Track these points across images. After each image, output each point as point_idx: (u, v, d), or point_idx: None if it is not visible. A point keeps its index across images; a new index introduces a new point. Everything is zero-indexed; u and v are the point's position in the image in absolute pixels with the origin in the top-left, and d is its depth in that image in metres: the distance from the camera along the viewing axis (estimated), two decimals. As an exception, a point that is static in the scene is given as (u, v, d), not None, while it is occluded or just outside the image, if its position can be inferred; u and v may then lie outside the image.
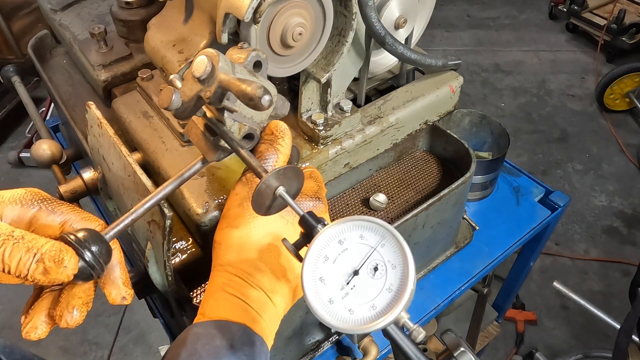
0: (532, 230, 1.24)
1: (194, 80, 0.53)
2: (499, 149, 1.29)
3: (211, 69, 0.51)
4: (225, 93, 0.53)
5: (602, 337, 2.25)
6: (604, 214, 2.86)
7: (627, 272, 2.56)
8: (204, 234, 0.75)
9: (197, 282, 0.84)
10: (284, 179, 0.53)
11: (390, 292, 0.48)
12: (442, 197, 0.90)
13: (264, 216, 0.56)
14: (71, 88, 1.08)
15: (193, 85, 0.53)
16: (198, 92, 0.52)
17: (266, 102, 0.47)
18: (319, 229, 0.52)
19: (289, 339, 0.89)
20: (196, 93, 0.52)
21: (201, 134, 0.58)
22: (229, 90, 0.51)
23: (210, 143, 0.57)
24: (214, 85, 0.52)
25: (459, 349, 1.12)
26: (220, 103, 0.53)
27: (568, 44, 4.17)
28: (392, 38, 0.82)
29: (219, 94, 0.52)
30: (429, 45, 4.12)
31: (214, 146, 0.57)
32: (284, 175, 0.53)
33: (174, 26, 0.79)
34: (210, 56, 0.52)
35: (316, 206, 0.64)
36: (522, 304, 2.38)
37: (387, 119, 0.91)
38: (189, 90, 0.53)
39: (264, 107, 0.48)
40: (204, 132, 0.58)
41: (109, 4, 1.10)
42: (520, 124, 3.43)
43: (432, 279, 1.14)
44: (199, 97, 0.53)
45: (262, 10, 0.63)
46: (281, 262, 0.60)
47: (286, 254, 0.58)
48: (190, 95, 0.53)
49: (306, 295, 0.49)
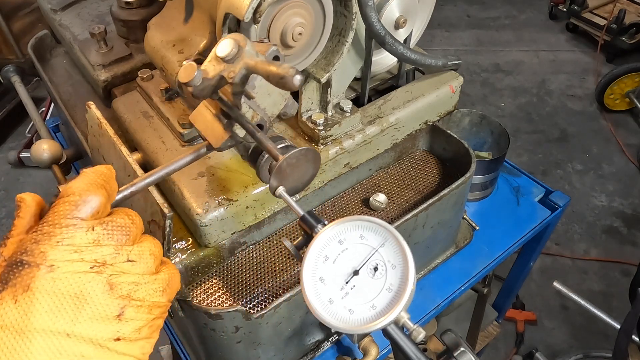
0: (532, 230, 1.24)
1: (218, 61, 0.53)
2: (499, 149, 1.29)
3: (237, 51, 0.52)
4: (248, 76, 0.53)
5: (602, 337, 2.25)
6: (604, 214, 2.86)
7: (627, 272, 2.56)
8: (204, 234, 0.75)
9: (197, 282, 0.84)
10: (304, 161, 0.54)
11: (390, 292, 0.48)
12: (442, 197, 0.90)
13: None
14: (71, 88, 1.08)
15: (216, 65, 0.53)
16: (221, 71, 0.53)
17: (298, 81, 0.48)
18: (319, 229, 0.52)
19: (289, 339, 0.89)
20: (219, 72, 0.53)
21: (213, 118, 0.58)
22: (255, 72, 0.51)
23: (224, 126, 0.57)
24: (239, 66, 0.52)
25: (459, 349, 1.12)
26: (242, 86, 0.53)
27: (568, 44, 4.16)
28: (392, 38, 0.82)
29: (242, 75, 0.52)
30: (429, 45, 4.12)
31: (227, 129, 0.57)
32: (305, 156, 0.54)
33: (174, 26, 0.79)
34: (237, 39, 0.52)
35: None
36: (522, 304, 2.37)
37: (387, 119, 0.91)
38: (212, 70, 0.53)
39: (295, 86, 0.48)
40: (217, 115, 0.57)
41: (109, 4, 1.10)
42: (520, 124, 3.43)
43: (432, 279, 1.14)
44: (222, 77, 0.53)
45: (262, 10, 0.63)
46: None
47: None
48: (213, 74, 0.53)
49: (306, 295, 0.49)
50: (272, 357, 0.89)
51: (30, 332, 0.37)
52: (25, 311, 0.37)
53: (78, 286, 0.39)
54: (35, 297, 0.37)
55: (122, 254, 0.41)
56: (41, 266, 0.38)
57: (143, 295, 0.42)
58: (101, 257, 0.40)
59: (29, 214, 0.43)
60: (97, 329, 0.39)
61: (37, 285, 0.38)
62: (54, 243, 0.39)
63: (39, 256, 0.39)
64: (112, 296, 0.40)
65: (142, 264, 0.43)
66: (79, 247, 0.40)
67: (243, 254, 0.88)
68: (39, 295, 0.37)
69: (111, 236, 0.42)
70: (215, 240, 0.78)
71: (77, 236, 0.40)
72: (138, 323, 0.41)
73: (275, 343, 0.86)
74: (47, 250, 0.39)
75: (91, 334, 0.38)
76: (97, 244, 0.41)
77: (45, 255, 0.39)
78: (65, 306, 0.38)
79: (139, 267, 0.42)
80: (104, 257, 0.40)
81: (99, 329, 0.39)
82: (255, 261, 0.87)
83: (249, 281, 0.85)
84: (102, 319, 0.39)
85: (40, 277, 0.38)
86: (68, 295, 0.38)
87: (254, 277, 0.86)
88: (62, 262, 0.39)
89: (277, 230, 0.91)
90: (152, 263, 0.44)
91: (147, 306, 0.42)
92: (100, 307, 0.39)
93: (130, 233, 0.43)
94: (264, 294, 0.84)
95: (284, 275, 0.87)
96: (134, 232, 0.44)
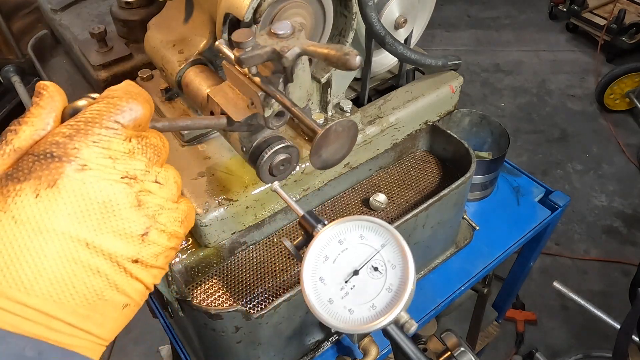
0: (532, 230, 1.24)
1: (273, 36, 0.54)
2: (499, 149, 1.29)
3: (293, 31, 0.53)
4: (299, 57, 0.54)
5: (602, 337, 2.25)
6: (604, 214, 2.86)
7: (627, 272, 2.56)
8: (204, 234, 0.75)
9: (197, 282, 0.84)
10: (346, 134, 0.55)
11: (390, 292, 0.48)
12: (442, 197, 0.90)
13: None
14: (71, 88, 1.08)
15: (270, 39, 0.54)
16: (275, 44, 0.53)
17: (358, 61, 0.48)
18: (319, 229, 0.52)
19: (289, 339, 0.89)
20: (272, 45, 0.53)
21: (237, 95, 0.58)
22: (309, 54, 0.52)
23: (262, 101, 0.57)
24: (294, 45, 0.53)
25: (459, 349, 1.12)
26: (293, 63, 0.54)
27: (568, 44, 4.17)
28: (392, 38, 0.82)
29: (296, 53, 0.53)
30: (429, 45, 4.12)
31: (265, 103, 0.57)
32: (349, 130, 0.55)
33: (174, 26, 0.79)
34: (294, 24, 0.54)
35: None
36: (522, 304, 2.37)
37: (387, 119, 0.91)
38: (264, 42, 0.54)
39: (355, 64, 0.49)
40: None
41: (109, 4, 1.10)
42: (520, 124, 3.43)
43: (432, 279, 1.14)
44: (274, 49, 0.53)
45: (262, 10, 0.63)
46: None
47: None
48: (265, 45, 0.53)
49: (306, 295, 0.49)
50: (272, 357, 0.89)
51: (48, 233, 0.33)
52: (46, 208, 0.33)
53: (107, 194, 0.35)
54: (60, 195, 0.33)
55: (151, 173, 0.38)
56: (73, 163, 0.34)
57: (165, 220, 0.39)
58: (133, 170, 0.37)
59: (49, 105, 0.38)
60: (118, 245, 0.36)
61: (64, 183, 0.34)
62: (90, 142, 0.35)
63: (72, 152, 0.34)
64: (139, 214, 0.37)
65: (167, 189, 0.40)
66: (114, 153, 0.36)
67: (243, 254, 0.88)
68: (65, 195, 0.34)
69: (145, 152, 0.38)
70: (215, 240, 0.78)
71: (114, 142, 0.36)
72: (158, 248, 0.38)
73: (275, 343, 0.86)
74: (82, 148, 0.35)
75: (112, 249, 0.35)
76: (132, 156, 0.37)
77: (79, 152, 0.35)
78: (90, 213, 0.34)
79: (164, 192, 0.39)
80: (135, 171, 0.37)
81: (120, 245, 0.36)
82: (255, 261, 0.87)
83: (249, 281, 0.85)
84: (126, 235, 0.36)
85: (69, 174, 0.34)
86: (96, 201, 0.35)
87: (254, 277, 0.86)
88: (95, 164, 0.35)
89: (277, 230, 0.91)
90: (176, 191, 0.41)
91: (168, 233, 0.39)
92: (126, 222, 0.36)
93: (161, 155, 0.40)
94: (264, 294, 0.84)
95: (284, 275, 0.87)
96: (164, 156, 0.41)
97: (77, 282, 0.34)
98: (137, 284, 0.38)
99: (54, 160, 0.34)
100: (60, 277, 0.33)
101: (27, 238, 0.33)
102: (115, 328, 0.38)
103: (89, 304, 0.35)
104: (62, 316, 0.34)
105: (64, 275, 0.34)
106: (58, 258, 0.33)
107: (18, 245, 0.32)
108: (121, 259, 0.36)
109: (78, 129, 0.35)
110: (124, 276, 0.36)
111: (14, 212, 0.33)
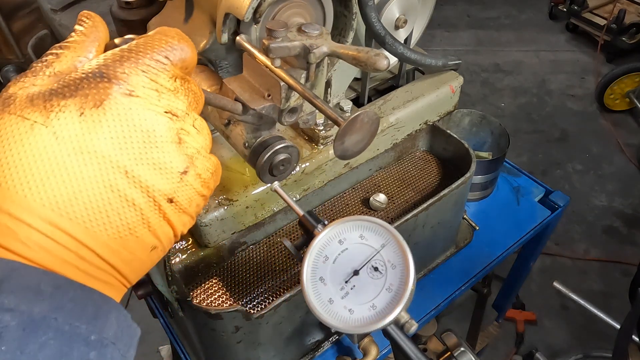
0: (532, 230, 1.24)
1: (301, 32, 0.54)
2: (499, 149, 1.29)
3: (322, 32, 0.54)
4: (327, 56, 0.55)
5: (602, 337, 2.25)
6: (604, 214, 2.86)
7: (627, 272, 2.56)
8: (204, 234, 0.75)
9: (197, 282, 0.84)
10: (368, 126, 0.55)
11: (390, 292, 0.48)
12: (442, 197, 0.90)
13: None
14: (71, 88, 1.08)
15: (299, 35, 0.55)
16: (304, 40, 0.54)
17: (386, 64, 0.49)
18: (319, 229, 0.52)
19: (289, 339, 0.89)
20: (301, 41, 0.54)
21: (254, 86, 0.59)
22: (337, 55, 0.53)
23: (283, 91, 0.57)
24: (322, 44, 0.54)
25: (459, 349, 1.11)
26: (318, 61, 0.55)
27: (568, 44, 4.17)
28: (392, 38, 0.82)
29: (323, 52, 0.54)
30: (429, 45, 4.12)
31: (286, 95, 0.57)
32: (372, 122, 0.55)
33: (174, 26, 0.79)
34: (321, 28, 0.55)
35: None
36: (522, 304, 2.37)
37: (387, 119, 0.91)
38: (293, 37, 0.54)
39: (384, 65, 0.50)
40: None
41: (108, 4, 1.10)
42: (520, 124, 3.43)
43: (432, 279, 1.14)
44: (304, 45, 0.54)
45: (262, 10, 0.63)
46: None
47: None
48: (294, 39, 0.54)
49: (306, 295, 0.49)
50: (272, 357, 0.89)
51: (89, 154, 0.31)
52: (89, 129, 0.31)
53: (152, 124, 0.34)
54: (105, 116, 0.32)
55: (190, 117, 0.37)
56: (122, 86, 0.33)
57: (201, 166, 0.38)
58: (175, 109, 0.36)
59: (93, 35, 0.37)
60: (157, 179, 0.34)
61: (111, 105, 0.32)
62: (140, 70, 0.34)
63: (121, 76, 0.33)
64: (180, 151, 0.35)
65: (203, 137, 0.38)
66: (160, 87, 0.35)
67: (243, 254, 0.88)
68: (110, 117, 0.32)
69: (187, 95, 0.37)
70: (215, 240, 0.78)
71: (162, 76, 0.35)
72: (192, 192, 0.37)
73: (275, 343, 0.86)
74: (131, 75, 0.34)
75: (150, 181, 0.33)
76: (175, 94, 0.36)
77: (128, 78, 0.33)
78: (133, 140, 0.33)
79: (200, 139, 0.38)
80: (177, 110, 0.36)
81: (159, 179, 0.34)
82: (255, 261, 0.87)
83: (249, 281, 0.85)
84: (167, 171, 0.34)
85: (117, 97, 0.32)
86: (140, 129, 0.33)
87: (254, 277, 0.86)
88: (142, 92, 0.34)
89: (277, 230, 0.91)
90: (209, 141, 0.40)
91: (202, 179, 0.38)
92: (167, 157, 0.34)
93: (199, 103, 0.39)
94: (264, 294, 0.84)
95: (284, 275, 0.87)
96: (200, 106, 0.40)
97: (112, 212, 0.32)
98: (167, 228, 0.36)
99: (102, 80, 0.33)
100: (95, 204, 0.32)
101: (66, 157, 0.31)
102: (140, 270, 0.36)
103: (120, 237, 0.33)
104: (93, 246, 0.32)
105: (99, 203, 0.32)
106: (95, 182, 0.31)
107: (57, 163, 0.30)
108: (158, 194, 0.34)
109: (129, 56, 0.34)
110: (157, 215, 0.35)
111: (56, 127, 0.31)
